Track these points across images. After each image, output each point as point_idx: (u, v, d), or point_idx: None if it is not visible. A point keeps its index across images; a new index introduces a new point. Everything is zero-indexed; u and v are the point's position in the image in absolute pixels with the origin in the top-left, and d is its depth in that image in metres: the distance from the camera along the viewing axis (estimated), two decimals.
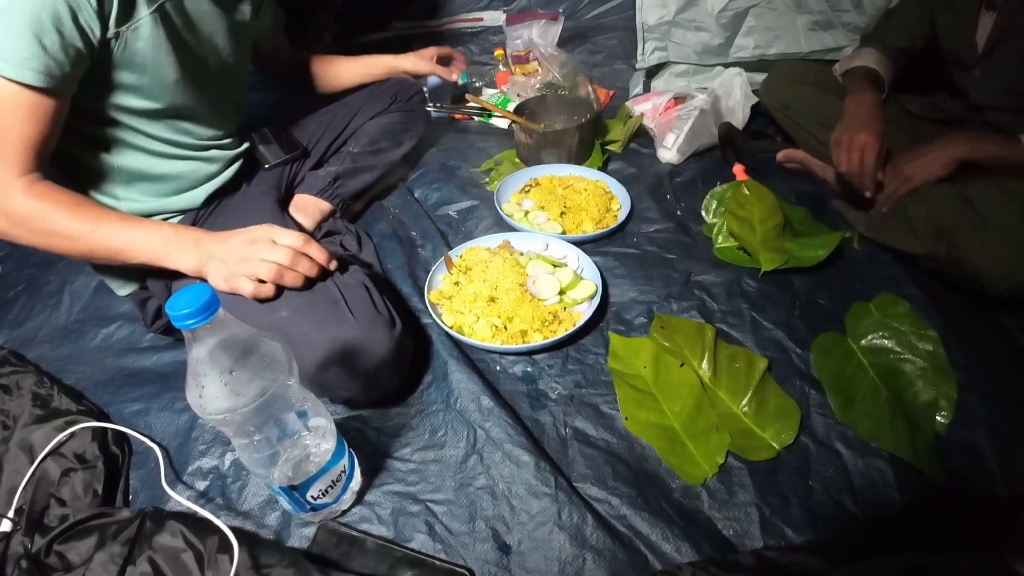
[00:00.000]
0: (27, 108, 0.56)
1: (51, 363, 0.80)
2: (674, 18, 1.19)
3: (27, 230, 0.59)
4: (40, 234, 0.59)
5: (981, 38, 0.85)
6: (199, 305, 0.39)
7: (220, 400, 0.42)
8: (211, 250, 0.60)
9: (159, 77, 0.64)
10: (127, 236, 0.60)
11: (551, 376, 0.73)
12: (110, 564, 0.53)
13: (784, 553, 0.52)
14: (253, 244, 0.59)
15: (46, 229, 0.59)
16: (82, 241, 0.60)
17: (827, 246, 0.83)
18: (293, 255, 0.60)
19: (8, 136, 0.56)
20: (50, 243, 0.60)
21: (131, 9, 0.59)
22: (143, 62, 0.62)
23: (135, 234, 0.61)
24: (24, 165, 0.58)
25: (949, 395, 0.67)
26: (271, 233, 0.60)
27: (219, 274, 0.60)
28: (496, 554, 0.57)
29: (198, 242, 0.61)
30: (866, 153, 0.88)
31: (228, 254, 0.60)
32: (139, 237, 0.61)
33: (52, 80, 0.55)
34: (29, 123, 0.56)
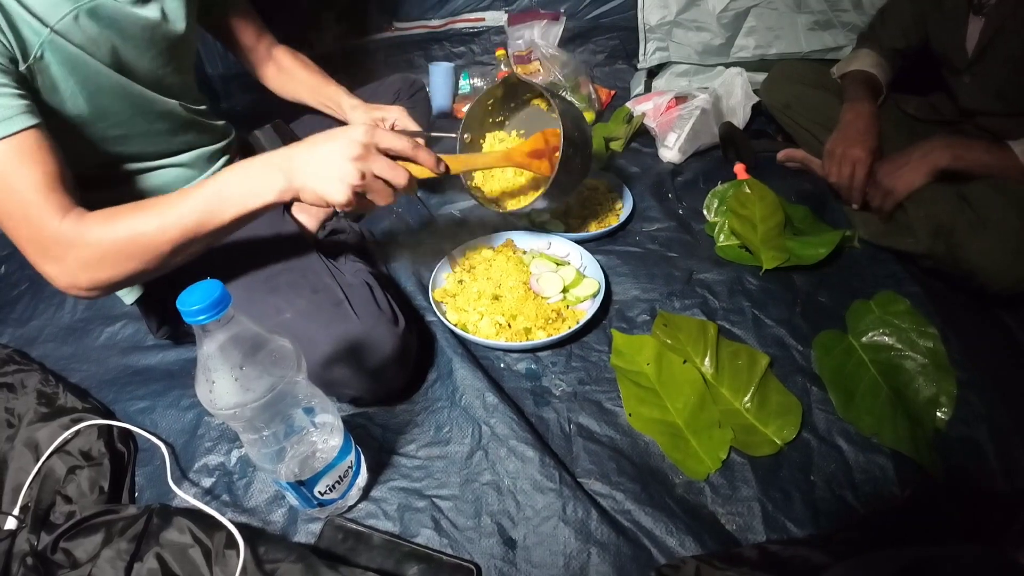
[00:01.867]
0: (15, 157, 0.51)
1: (55, 362, 0.81)
2: (675, 18, 1.20)
3: (109, 262, 0.53)
4: (124, 257, 0.53)
5: (971, 43, 0.86)
6: (210, 301, 0.39)
7: (230, 395, 0.43)
8: (290, 167, 0.52)
9: (92, 90, 0.59)
10: (200, 200, 0.52)
11: (555, 373, 0.74)
12: (117, 560, 0.53)
13: (786, 547, 0.53)
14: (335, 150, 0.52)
15: (125, 248, 0.52)
16: (165, 239, 0.52)
17: (828, 244, 0.84)
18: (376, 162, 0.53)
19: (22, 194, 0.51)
20: (140, 262, 0.54)
21: (24, 44, 0.53)
22: (69, 84, 0.57)
23: (205, 193, 0.53)
24: (58, 208, 0.52)
25: (949, 391, 0.68)
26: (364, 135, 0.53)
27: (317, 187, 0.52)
28: (502, 549, 0.57)
29: (275, 165, 0.53)
30: (857, 168, 0.90)
31: (319, 167, 0.52)
32: (206, 195, 0.53)
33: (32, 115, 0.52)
34: (29, 167, 0.51)
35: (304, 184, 0.52)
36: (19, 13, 0.53)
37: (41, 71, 0.55)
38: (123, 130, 0.65)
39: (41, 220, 0.51)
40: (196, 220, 0.53)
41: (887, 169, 0.86)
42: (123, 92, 0.62)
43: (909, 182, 0.83)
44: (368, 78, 1.03)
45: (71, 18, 0.56)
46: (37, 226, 0.51)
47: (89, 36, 0.58)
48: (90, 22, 0.58)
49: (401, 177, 0.54)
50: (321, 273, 0.69)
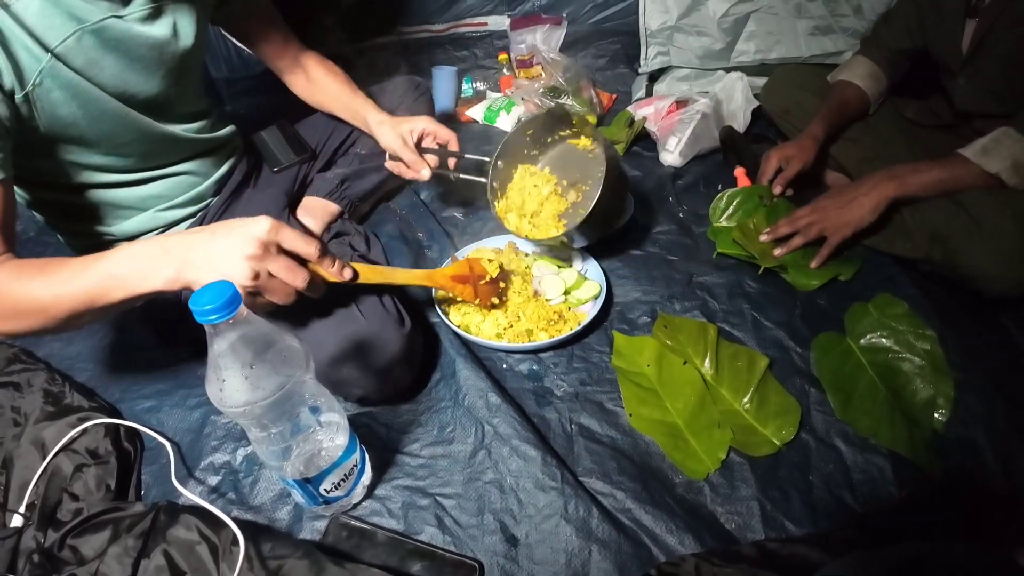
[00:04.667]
0: None
1: (61, 361, 0.81)
2: (676, 23, 1.21)
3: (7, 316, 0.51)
4: (20, 315, 0.51)
5: (966, 45, 0.86)
6: (222, 301, 0.40)
7: (240, 393, 0.44)
8: (186, 256, 0.49)
9: (92, 116, 0.59)
10: (91, 280, 0.50)
11: (557, 374, 0.74)
12: (124, 557, 0.54)
13: (784, 545, 0.54)
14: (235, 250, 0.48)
15: (22, 308, 0.50)
16: (57, 308, 0.50)
17: (821, 278, 0.84)
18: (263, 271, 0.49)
19: None
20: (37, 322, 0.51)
21: (20, 71, 0.53)
22: (68, 109, 0.57)
23: (98, 272, 0.50)
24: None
25: (947, 393, 0.68)
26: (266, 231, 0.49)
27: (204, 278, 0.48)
28: (504, 546, 0.58)
29: (169, 253, 0.49)
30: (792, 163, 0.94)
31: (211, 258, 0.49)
32: (100, 275, 0.50)
33: (1, 170, 0.51)
34: None
35: (195, 278, 0.49)
36: (18, 37, 0.52)
37: (40, 97, 0.54)
38: (126, 150, 0.65)
39: None
40: (87, 297, 0.50)
41: (835, 202, 0.84)
42: (124, 119, 0.62)
43: (856, 220, 0.82)
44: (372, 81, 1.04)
45: (74, 39, 0.55)
46: None
47: (91, 58, 0.57)
48: (94, 43, 0.57)
49: (300, 280, 0.50)
50: None
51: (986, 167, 0.78)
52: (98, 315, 0.52)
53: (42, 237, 1.06)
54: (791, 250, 0.85)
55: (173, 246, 0.50)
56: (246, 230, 0.49)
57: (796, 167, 0.94)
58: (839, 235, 0.83)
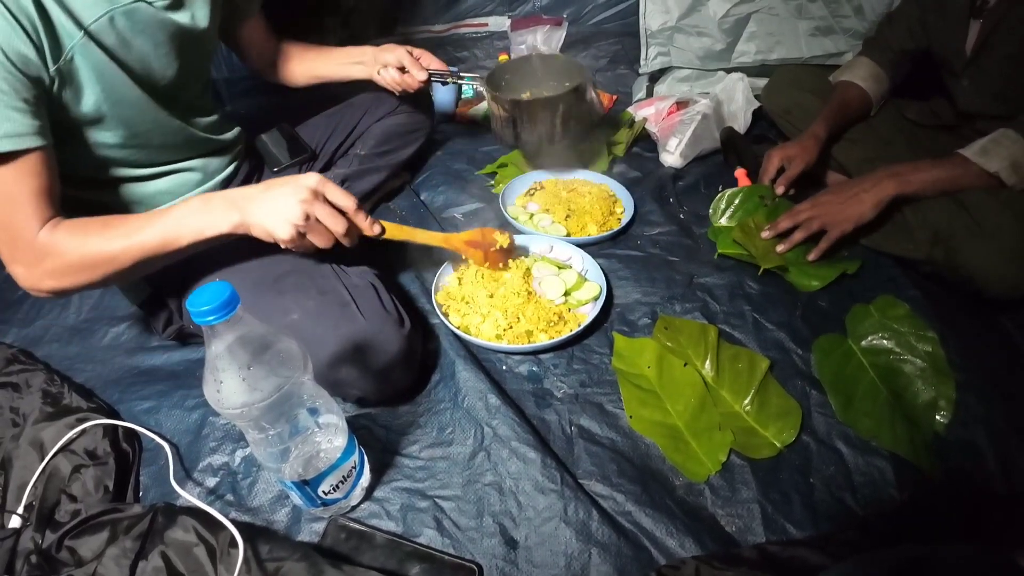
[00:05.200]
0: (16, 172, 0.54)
1: (60, 362, 0.81)
2: (677, 24, 1.21)
3: (74, 273, 0.57)
4: (88, 269, 0.57)
5: (970, 46, 0.86)
6: (219, 302, 0.40)
7: (238, 395, 0.43)
8: (247, 204, 0.58)
9: (115, 100, 0.61)
10: (162, 226, 0.57)
11: (556, 375, 0.74)
12: (122, 559, 0.53)
13: (785, 547, 0.53)
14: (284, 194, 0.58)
15: (90, 263, 0.57)
16: (127, 257, 0.57)
17: (822, 279, 0.83)
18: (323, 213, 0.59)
19: (19, 202, 0.55)
20: (102, 274, 0.58)
21: (58, 43, 0.55)
22: (93, 90, 0.59)
23: (167, 221, 0.58)
24: (41, 216, 0.56)
25: (948, 395, 0.68)
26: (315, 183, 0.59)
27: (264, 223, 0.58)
28: (503, 549, 0.57)
29: (232, 201, 0.59)
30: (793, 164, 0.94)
31: (269, 206, 0.58)
32: (168, 222, 0.58)
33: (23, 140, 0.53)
34: (26, 182, 0.54)
35: (255, 220, 0.58)
36: (56, 13, 0.54)
37: (69, 74, 0.57)
38: (139, 140, 0.66)
39: (22, 229, 0.55)
40: (157, 243, 0.58)
41: (835, 197, 0.84)
42: (143, 106, 0.64)
43: (857, 215, 0.81)
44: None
45: (107, 20, 0.58)
46: (16, 233, 0.56)
47: (122, 40, 0.60)
48: (125, 25, 0.60)
49: (340, 226, 0.61)
50: (328, 275, 0.70)
51: (985, 166, 0.78)
52: (164, 260, 0.60)
53: None
54: (792, 245, 0.85)
55: (235, 196, 0.59)
56: (299, 181, 0.59)
57: (799, 167, 0.94)
58: (839, 230, 0.82)
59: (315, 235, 0.60)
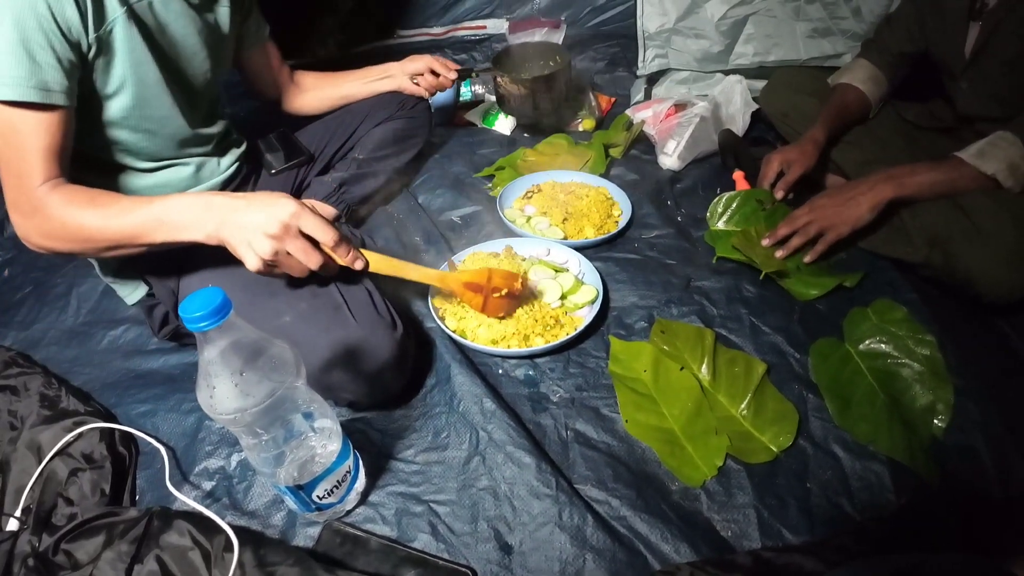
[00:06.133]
0: (36, 123, 0.56)
1: (58, 365, 0.81)
2: (674, 26, 1.21)
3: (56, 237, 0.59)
4: (68, 239, 0.59)
5: (969, 49, 0.86)
6: (212, 308, 0.40)
7: (230, 400, 0.43)
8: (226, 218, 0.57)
9: (138, 81, 0.63)
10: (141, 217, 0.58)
11: (553, 379, 0.74)
12: (118, 562, 0.54)
13: (781, 553, 0.53)
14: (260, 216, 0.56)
15: (70, 233, 0.58)
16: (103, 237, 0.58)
17: (821, 287, 0.82)
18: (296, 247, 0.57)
19: (31, 152, 0.57)
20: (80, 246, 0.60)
21: (102, 12, 0.58)
22: (122, 67, 0.62)
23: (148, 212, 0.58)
24: (46, 172, 0.58)
25: (946, 399, 0.68)
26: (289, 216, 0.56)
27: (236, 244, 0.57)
28: (498, 554, 0.57)
29: (214, 210, 0.57)
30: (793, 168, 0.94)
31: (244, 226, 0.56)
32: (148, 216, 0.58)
33: (52, 95, 0.56)
34: (41, 136, 0.57)
35: (228, 239, 0.58)
36: None
37: (106, 45, 0.60)
38: (149, 126, 0.68)
39: (27, 179, 0.58)
40: (131, 232, 0.59)
41: (832, 200, 0.83)
42: (161, 92, 0.67)
43: (854, 219, 0.81)
44: None
45: (147, 2, 0.63)
46: (21, 183, 0.58)
47: (158, 23, 0.65)
48: (162, 10, 0.64)
49: (313, 262, 0.58)
50: (321, 277, 0.70)
51: (982, 169, 0.78)
52: (135, 251, 0.61)
53: None
54: (791, 251, 0.85)
55: (216, 206, 0.58)
56: (272, 211, 0.56)
57: (798, 171, 0.94)
58: (835, 233, 0.82)
59: (287, 268, 0.59)
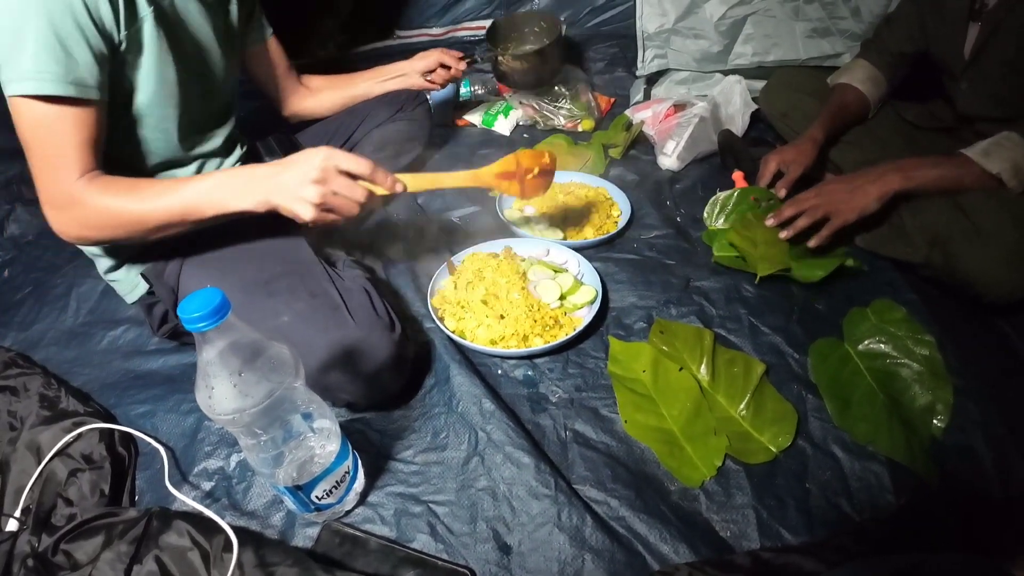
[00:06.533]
0: (72, 118, 0.57)
1: (58, 365, 0.81)
2: (673, 26, 1.21)
3: (98, 226, 0.61)
4: (112, 226, 0.61)
5: (968, 49, 0.86)
6: (210, 308, 0.40)
7: (229, 401, 0.43)
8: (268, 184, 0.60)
9: (160, 80, 0.64)
10: (187, 195, 0.61)
11: (552, 380, 0.74)
12: (117, 563, 0.54)
13: (779, 554, 0.53)
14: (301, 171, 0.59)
15: (115, 220, 0.61)
16: (151, 220, 0.61)
17: (826, 268, 0.82)
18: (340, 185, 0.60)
19: (65, 146, 0.58)
20: (125, 232, 0.62)
21: (134, 10, 0.60)
22: (147, 65, 0.63)
23: (193, 190, 0.61)
24: (82, 166, 0.59)
25: (945, 399, 0.68)
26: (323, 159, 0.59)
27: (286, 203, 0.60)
28: (497, 554, 0.57)
29: (256, 180, 0.61)
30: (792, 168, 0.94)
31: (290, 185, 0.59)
32: (194, 193, 0.61)
33: (88, 90, 0.57)
34: (77, 130, 0.58)
35: (276, 202, 0.60)
36: None
37: (134, 43, 0.61)
38: (167, 124, 0.69)
39: (62, 173, 0.59)
40: (180, 212, 0.61)
41: (840, 186, 0.83)
42: (180, 95, 0.68)
43: (860, 207, 0.81)
44: None
45: (170, 2, 0.64)
46: (55, 176, 0.59)
47: (180, 22, 0.66)
48: (184, 9, 0.66)
49: (359, 195, 0.61)
50: (320, 278, 0.70)
51: (987, 168, 0.78)
52: (184, 228, 0.63)
53: (41, 240, 1.07)
54: (796, 231, 0.84)
55: (258, 176, 0.61)
56: (309, 161, 0.59)
57: (797, 171, 0.93)
58: (841, 218, 0.82)
59: (338, 209, 0.61)
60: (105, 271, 0.78)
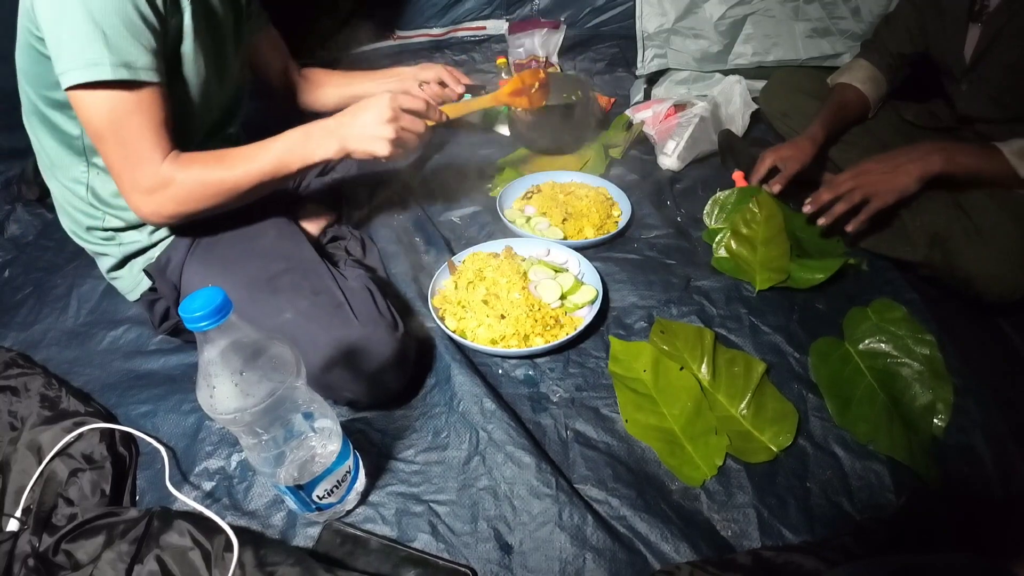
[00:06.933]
0: (146, 101, 0.59)
1: (58, 365, 0.81)
2: (673, 26, 1.21)
3: (196, 199, 0.64)
4: (210, 196, 0.65)
5: (969, 51, 0.86)
6: (212, 307, 0.40)
7: (230, 400, 0.43)
8: (341, 132, 0.67)
9: (192, 71, 0.66)
10: (274, 155, 0.66)
11: (552, 379, 0.74)
12: (118, 562, 0.54)
13: (780, 553, 0.53)
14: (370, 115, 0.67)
15: (212, 190, 0.64)
16: (245, 182, 0.65)
17: (826, 270, 0.81)
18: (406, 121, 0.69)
19: (142, 131, 0.60)
20: (224, 199, 0.65)
21: (177, 2, 0.62)
22: (186, 58, 0.64)
23: (277, 150, 0.66)
24: (163, 148, 0.61)
25: (945, 399, 0.68)
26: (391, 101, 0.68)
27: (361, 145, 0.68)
28: (498, 554, 0.57)
29: (330, 131, 0.68)
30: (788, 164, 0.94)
31: (360, 129, 0.67)
32: (279, 151, 0.66)
33: (152, 73, 0.59)
34: (152, 111, 0.60)
35: (354, 148, 0.68)
36: None
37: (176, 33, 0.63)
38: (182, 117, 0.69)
39: (146, 158, 0.61)
40: (271, 169, 0.66)
41: (875, 169, 0.80)
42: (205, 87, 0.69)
43: (901, 187, 0.78)
44: None
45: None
46: (140, 162, 0.61)
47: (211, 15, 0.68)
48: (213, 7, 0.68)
49: (420, 127, 0.71)
50: (323, 276, 0.70)
51: (1019, 172, 0.76)
52: (274, 186, 0.68)
53: (40, 241, 1.07)
54: (834, 218, 0.82)
55: (331, 127, 0.68)
56: (378, 104, 0.68)
57: (794, 167, 0.93)
58: (880, 200, 0.79)
59: (405, 142, 0.70)
60: (108, 269, 0.78)
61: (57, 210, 0.78)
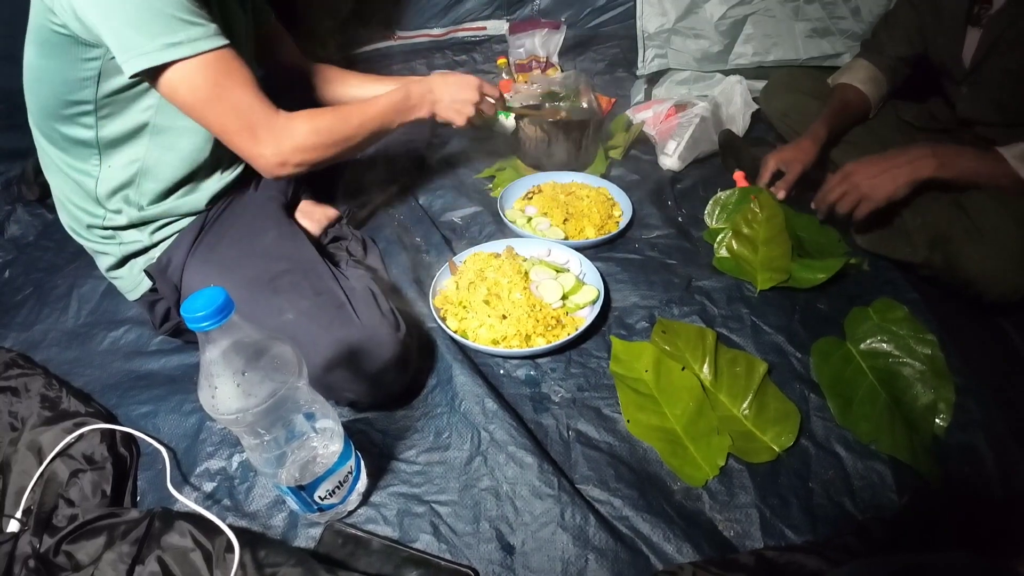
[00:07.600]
0: (235, 61, 0.62)
1: (59, 366, 0.81)
2: (673, 26, 1.21)
3: (319, 148, 0.69)
4: (330, 145, 0.70)
5: (968, 54, 0.86)
6: (214, 308, 0.40)
7: (232, 401, 0.43)
8: (433, 97, 0.82)
9: None
10: (381, 112, 0.76)
11: (554, 380, 0.74)
12: (119, 563, 0.54)
13: (783, 553, 0.53)
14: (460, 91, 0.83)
15: (332, 138, 0.70)
16: (360, 135, 0.74)
17: (827, 270, 0.81)
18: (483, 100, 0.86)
19: (245, 89, 0.63)
20: (342, 148, 0.72)
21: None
22: None
23: (383, 108, 0.77)
24: (271, 105, 0.65)
25: (947, 398, 0.68)
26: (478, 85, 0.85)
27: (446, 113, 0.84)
28: (500, 554, 0.57)
29: (423, 96, 0.81)
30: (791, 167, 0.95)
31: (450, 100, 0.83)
32: (386, 108, 0.77)
33: (224, 38, 0.61)
34: (243, 70, 0.63)
35: (441, 114, 0.84)
36: None
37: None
38: None
39: (263, 112, 0.65)
40: (381, 120, 0.77)
41: (865, 170, 0.80)
42: None
43: (891, 191, 0.78)
44: None
45: None
46: (258, 118, 0.64)
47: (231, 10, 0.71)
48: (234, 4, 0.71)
49: (490, 109, 0.90)
50: (324, 276, 0.70)
51: (1021, 174, 0.76)
52: (379, 139, 0.79)
53: (41, 241, 1.07)
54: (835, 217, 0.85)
55: (424, 92, 0.82)
56: (469, 84, 0.85)
57: (797, 170, 0.93)
58: (868, 204, 0.79)
59: (476, 118, 0.86)
60: (108, 268, 0.78)
61: (57, 207, 0.78)
